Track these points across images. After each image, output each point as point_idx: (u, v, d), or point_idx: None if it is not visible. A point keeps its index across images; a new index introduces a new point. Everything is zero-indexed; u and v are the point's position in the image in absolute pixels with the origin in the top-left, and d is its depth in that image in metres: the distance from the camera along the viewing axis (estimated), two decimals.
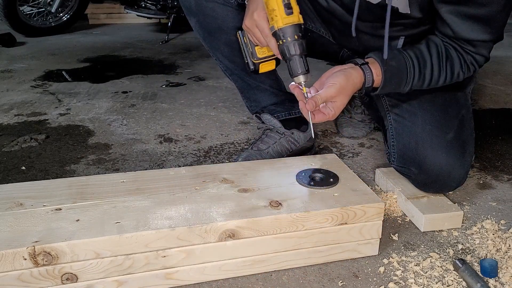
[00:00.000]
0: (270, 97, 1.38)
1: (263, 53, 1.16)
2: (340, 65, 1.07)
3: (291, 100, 1.40)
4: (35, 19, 3.61)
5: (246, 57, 1.19)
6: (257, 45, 1.15)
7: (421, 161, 1.13)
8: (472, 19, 1.02)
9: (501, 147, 1.60)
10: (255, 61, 1.17)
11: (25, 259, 0.78)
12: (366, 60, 1.08)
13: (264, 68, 1.19)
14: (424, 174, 1.14)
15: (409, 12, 1.08)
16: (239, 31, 1.16)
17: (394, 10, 1.08)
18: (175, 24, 3.53)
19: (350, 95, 1.04)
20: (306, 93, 1.01)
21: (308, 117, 1.01)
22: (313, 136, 1.07)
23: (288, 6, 0.98)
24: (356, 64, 1.07)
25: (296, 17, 1.00)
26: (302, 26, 1.01)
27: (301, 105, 1.02)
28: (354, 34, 1.15)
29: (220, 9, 1.21)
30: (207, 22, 1.24)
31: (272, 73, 1.32)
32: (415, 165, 1.15)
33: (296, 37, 1.00)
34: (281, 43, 1.02)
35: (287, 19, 0.99)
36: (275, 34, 1.02)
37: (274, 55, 1.16)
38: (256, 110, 1.42)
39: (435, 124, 1.15)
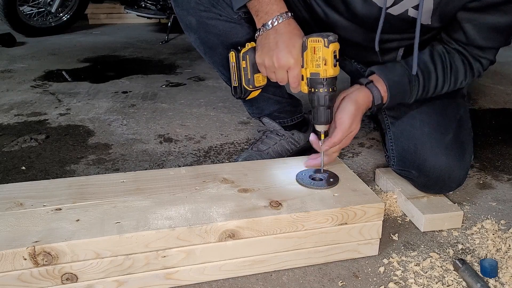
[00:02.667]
0: (273, 105, 1.35)
1: (259, 82, 1.11)
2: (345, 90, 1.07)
3: (293, 104, 1.39)
4: (35, 19, 3.61)
5: (236, 81, 1.10)
6: (257, 73, 1.09)
7: (421, 164, 1.13)
8: (490, 28, 1.01)
9: (501, 147, 1.60)
10: (249, 89, 1.11)
11: (25, 259, 0.78)
12: (369, 78, 1.08)
13: (252, 95, 1.15)
14: (425, 176, 1.13)
15: (430, 23, 1.04)
16: (235, 52, 1.08)
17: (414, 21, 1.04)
18: (175, 24, 3.52)
19: (361, 117, 1.05)
20: (322, 140, 1.04)
21: (321, 155, 1.06)
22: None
23: (336, 58, 0.96)
24: (361, 84, 1.07)
25: (338, 69, 0.99)
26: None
27: (315, 146, 1.07)
28: (377, 48, 1.08)
29: (223, 26, 1.15)
30: (208, 39, 1.18)
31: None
32: (415, 168, 1.14)
33: (331, 90, 0.99)
34: (313, 91, 0.99)
35: (333, 71, 0.97)
36: (311, 81, 0.99)
37: (266, 84, 1.12)
38: (259, 116, 1.39)
39: (433, 126, 1.14)
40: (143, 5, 3.71)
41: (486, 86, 2.29)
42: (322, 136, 1.04)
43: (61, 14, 3.77)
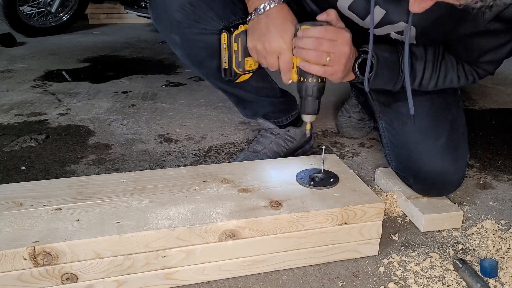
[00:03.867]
0: (267, 106, 1.34)
1: (249, 66, 1.09)
2: None
3: (287, 103, 1.38)
4: (35, 19, 3.61)
5: (226, 63, 1.08)
6: (248, 57, 1.07)
7: (416, 171, 1.13)
8: (481, 48, 1.00)
9: (501, 147, 1.59)
10: (239, 72, 1.09)
11: (25, 259, 0.78)
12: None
13: (242, 78, 1.13)
14: (421, 182, 1.14)
15: (415, 43, 1.03)
16: (227, 34, 1.05)
17: (399, 41, 1.03)
18: None
19: (349, 58, 0.98)
20: (310, 130, 1.04)
21: (322, 157, 1.05)
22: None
23: None
24: None
25: None
26: None
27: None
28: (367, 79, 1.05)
29: (209, 39, 1.11)
30: (195, 53, 1.16)
31: (266, 80, 1.27)
32: (412, 175, 1.15)
33: (320, 80, 0.98)
34: (302, 80, 0.99)
35: None
36: (301, 70, 0.98)
37: (257, 69, 1.11)
38: (253, 117, 1.38)
39: (425, 131, 1.13)
40: (143, 5, 3.70)
41: (487, 87, 2.29)
42: (309, 126, 1.04)
43: (61, 14, 3.76)
